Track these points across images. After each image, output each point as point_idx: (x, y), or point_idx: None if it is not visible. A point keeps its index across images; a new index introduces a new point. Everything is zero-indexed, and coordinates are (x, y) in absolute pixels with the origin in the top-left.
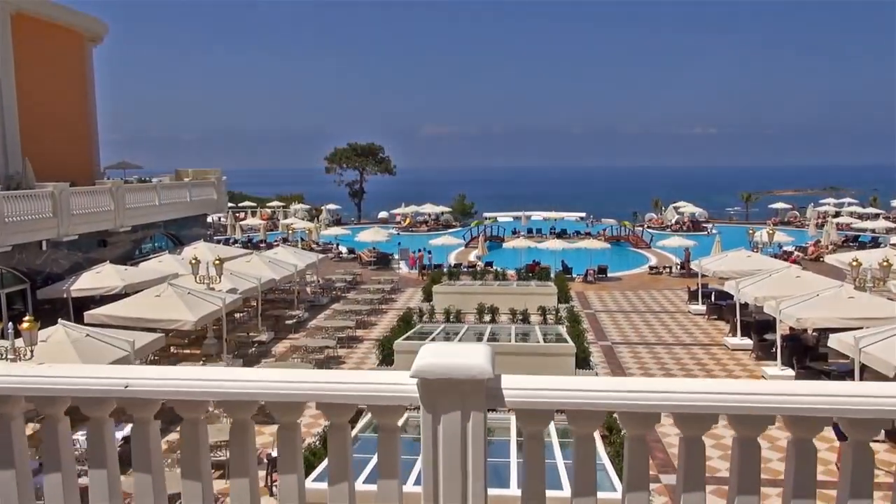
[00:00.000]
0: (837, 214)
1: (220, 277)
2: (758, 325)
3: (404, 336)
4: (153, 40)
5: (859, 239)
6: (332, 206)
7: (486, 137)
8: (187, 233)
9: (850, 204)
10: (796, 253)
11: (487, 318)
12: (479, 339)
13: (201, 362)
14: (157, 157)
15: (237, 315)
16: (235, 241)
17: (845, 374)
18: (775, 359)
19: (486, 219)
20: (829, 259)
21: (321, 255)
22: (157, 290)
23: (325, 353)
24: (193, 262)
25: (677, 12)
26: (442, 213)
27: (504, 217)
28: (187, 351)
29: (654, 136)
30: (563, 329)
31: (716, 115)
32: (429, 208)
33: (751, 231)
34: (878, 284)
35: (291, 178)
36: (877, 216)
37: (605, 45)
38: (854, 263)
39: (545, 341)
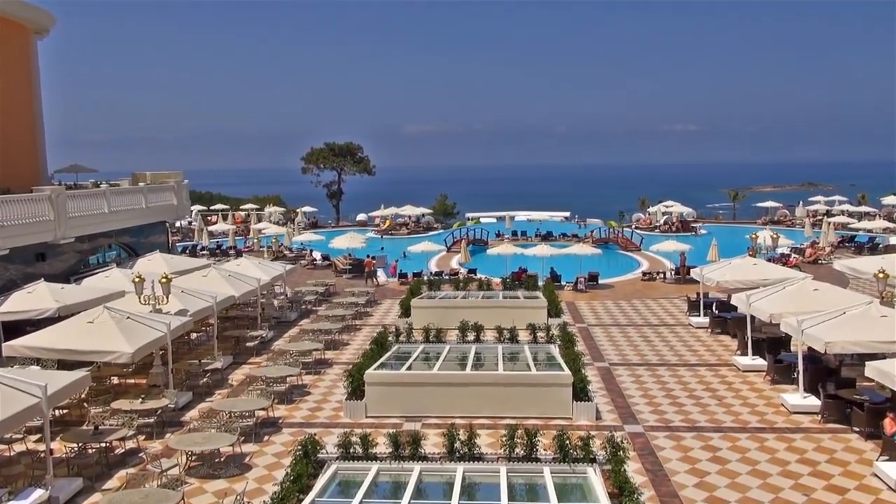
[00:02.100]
0: (829, 213)
1: (167, 297)
2: (770, 343)
3: (378, 363)
4: (135, 39)
5: (855, 239)
6: (308, 209)
7: (468, 135)
8: (144, 242)
9: (840, 202)
10: (794, 256)
11: (471, 336)
12: (463, 362)
13: (140, 400)
14: (138, 158)
15: (194, 335)
16: (203, 248)
17: (880, 404)
18: (793, 382)
19: (468, 219)
20: (839, 266)
21: (290, 266)
22: (90, 314)
23: (287, 382)
24: (137, 279)
25: (658, 11)
26: (423, 215)
27: (487, 218)
28: (131, 381)
29: (636, 133)
30: (555, 349)
31: (696, 113)
32: (409, 210)
33: (753, 236)
34: None
35: (271, 179)
36: (872, 216)
37: (588, 44)
38: (881, 275)
39: (536, 364)
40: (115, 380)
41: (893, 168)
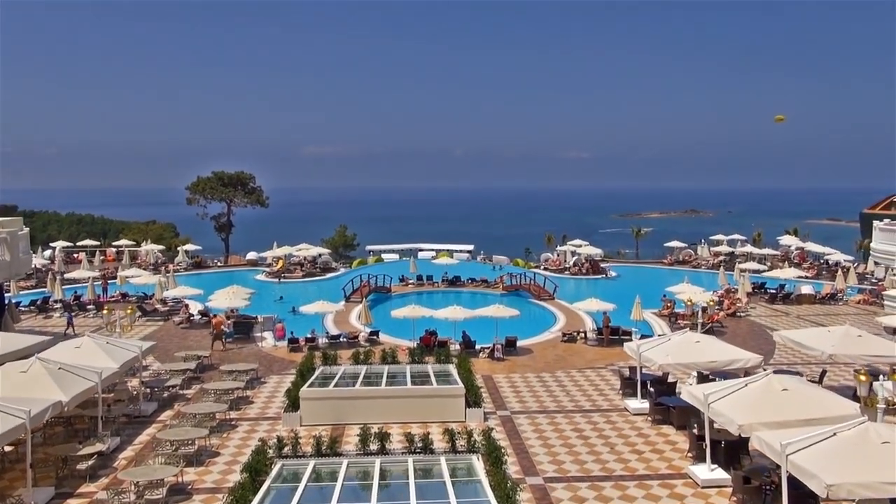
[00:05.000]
0: (732, 255)
1: None
2: (728, 450)
3: None
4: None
5: (766, 286)
6: (190, 247)
7: (368, 158)
8: None
9: (743, 243)
10: (715, 309)
11: (375, 445)
12: (365, 488)
13: None
14: (11, 175)
15: (7, 449)
16: (57, 301)
17: None
18: None
19: (369, 254)
20: (779, 338)
21: (148, 345)
22: None
23: None
24: None
25: (557, 41)
26: (319, 255)
27: (389, 255)
28: None
29: (531, 159)
30: (478, 463)
31: (588, 141)
32: (304, 250)
33: (688, 301)
34: (891, 405)
35: (165, 199)
36: (778, 258)
37: (486, 70)
38: (863, 378)
39: (458, 495)
40: None
41: (759, 196)
